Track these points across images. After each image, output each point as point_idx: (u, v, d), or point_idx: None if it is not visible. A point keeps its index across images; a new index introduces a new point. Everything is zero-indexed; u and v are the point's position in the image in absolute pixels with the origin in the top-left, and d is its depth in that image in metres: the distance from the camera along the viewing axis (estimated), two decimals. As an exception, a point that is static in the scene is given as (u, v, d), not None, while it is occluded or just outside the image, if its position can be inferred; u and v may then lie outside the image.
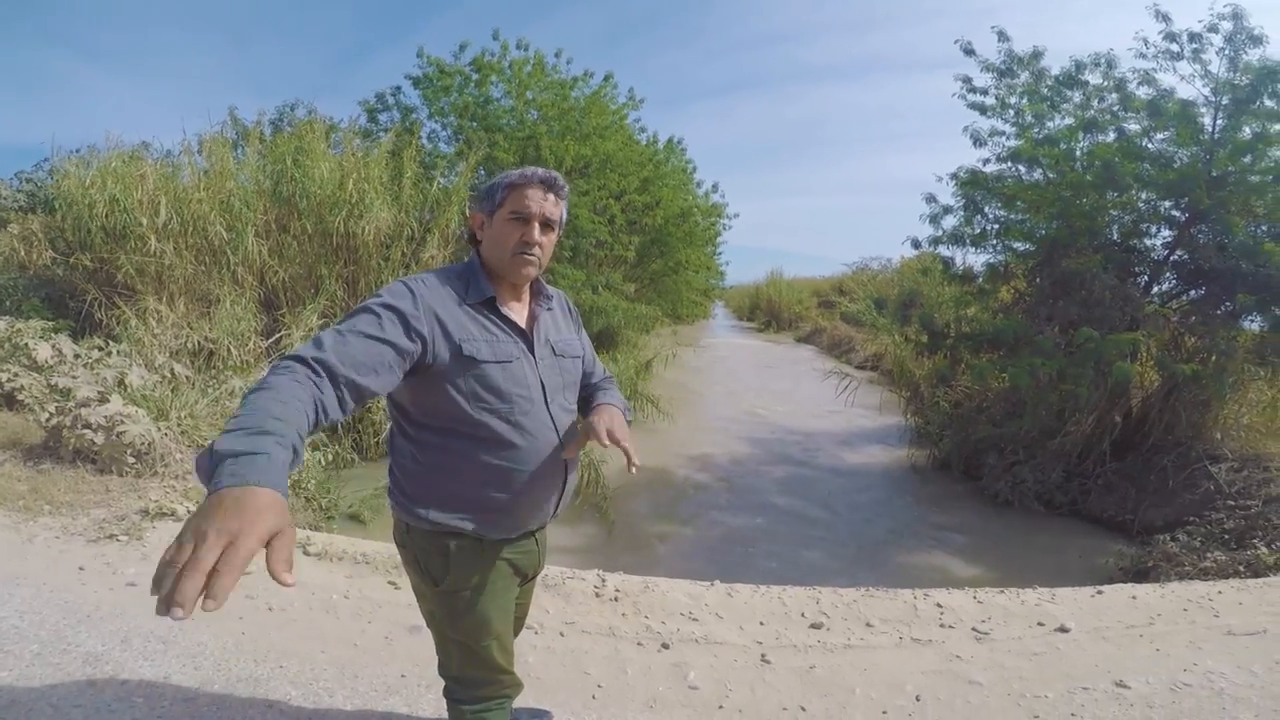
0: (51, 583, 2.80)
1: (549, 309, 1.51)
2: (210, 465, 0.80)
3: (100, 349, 5.67)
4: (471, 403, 1.32)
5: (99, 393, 4.59)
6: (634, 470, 1.33)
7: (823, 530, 5.43)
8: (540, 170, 1.38)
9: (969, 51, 6.73)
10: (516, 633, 1.77)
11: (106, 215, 6.36)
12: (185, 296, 6.37)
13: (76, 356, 5.55)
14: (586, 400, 1.65)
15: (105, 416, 4.33)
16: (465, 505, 1.37)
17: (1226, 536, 4.21)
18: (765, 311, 27.51)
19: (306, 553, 3.15)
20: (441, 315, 1.29)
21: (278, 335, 6.33)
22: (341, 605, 2.74)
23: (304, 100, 10.02)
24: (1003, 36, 6.57)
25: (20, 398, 4.94)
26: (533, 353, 1.42)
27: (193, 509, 3.66)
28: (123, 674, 2.20)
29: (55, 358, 5.46)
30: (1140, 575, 4.06)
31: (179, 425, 4.59)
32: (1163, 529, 4.62)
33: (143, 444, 4.16)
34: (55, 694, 2.07)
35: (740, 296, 33.92)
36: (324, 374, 1.06)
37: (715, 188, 15.03)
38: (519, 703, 2.12)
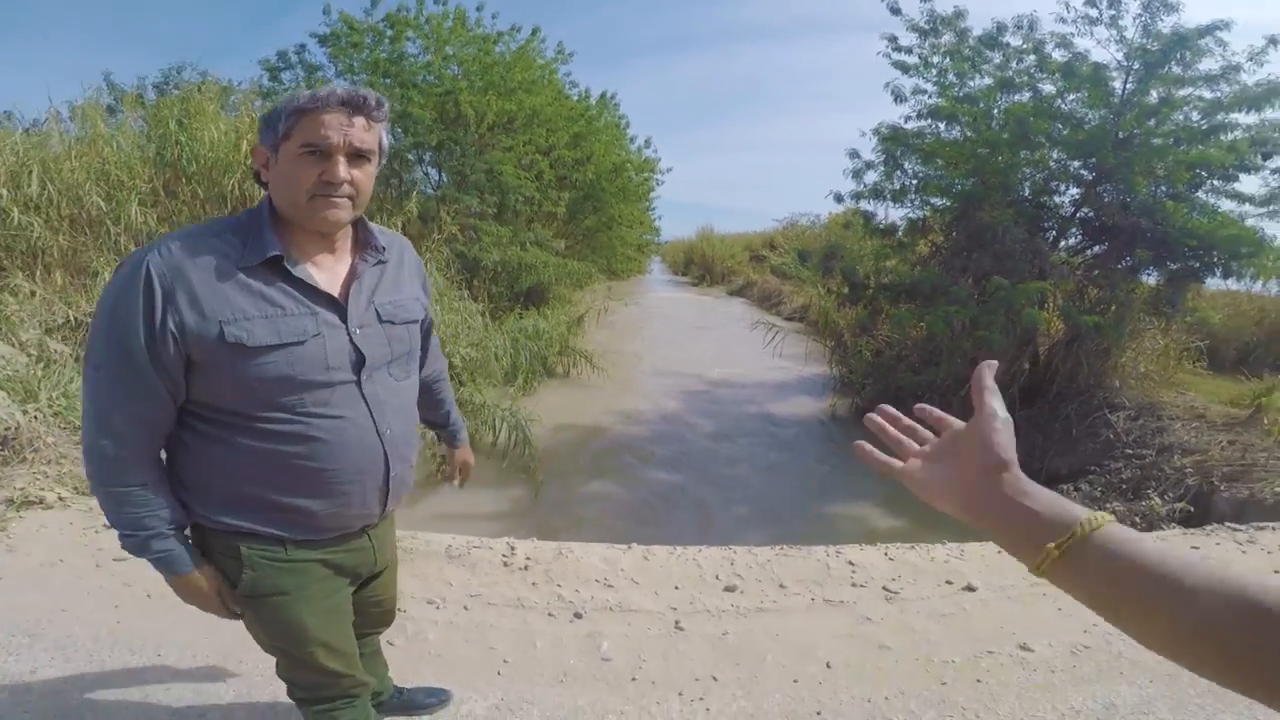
0: None
1: (379, 262, 1.21)
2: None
3: (-41, 330, 5.11)
4: (249, 395, 1.07)
5: (-47, 374, 4.13)
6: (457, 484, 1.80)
7: (748, 483, 5.51)
8: (340, 89, 1.07)
9: (895, 11, 6.75)
10: (384, 626, 1.64)
11: None
12: (62, 270, 5.89)
13: (-66, 337, 4.99)
14: (431, 404, 1.60)
15: (-40, 400, 3.90)
16: (254, 506, 1.14)
17: (1124, 487, 4.44)
18: (699, 266, 27.67)
19: (191, 536, 2.93)
20: (197, 292, 1.02)
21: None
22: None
23: (193, 63, 9.25)
24: None
25: None
26: (345, 322, 1.14)
27: (66, 496, 3.36)
28: None
29: (-94, 339, 4.90)
30: (1046, 527, 4.24)
31: (50, 406, 4.17)
32: (1068, 478, 4.86)
33: (6, 429, 3.77)
34: None
35: (676, 251, 34.14)
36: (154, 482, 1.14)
37: (648, 143, 14.84)
38: (417, 682, 2.03)
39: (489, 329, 7.39)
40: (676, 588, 2.66)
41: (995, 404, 0.60)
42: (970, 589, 2.63)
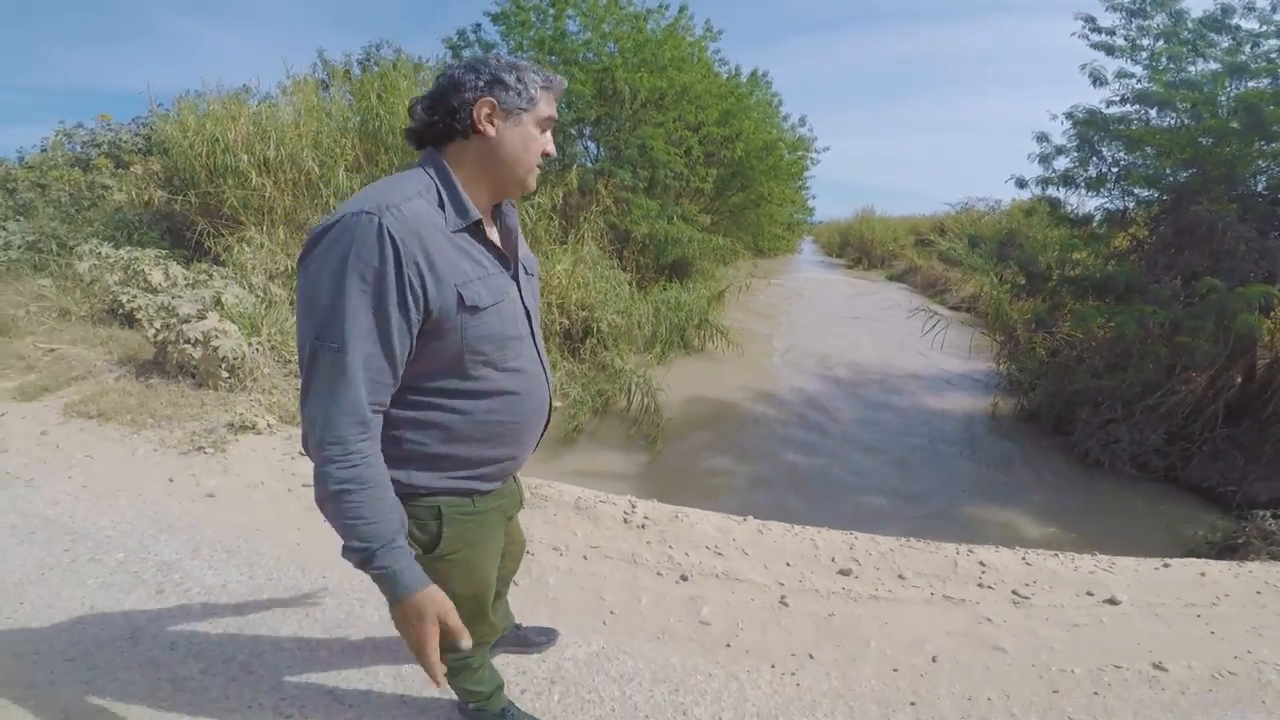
0: (145, 494, 3.07)
1: (510, 221, 1.25)
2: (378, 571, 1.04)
3: (206, 273, 6.18)
4: (468, 357, 1.10)
5: (198, 310, 4.99)
6: None
7: (888, 477, 5.24)
8: (557, 76, 1.19)
9: None
10: (515, 570, 1.73)
11: (208, 155, 7.02)
12: (285, 226, 6.89)
13: (186, 279, 6.09)
14: None
15: (202, 332, 4.69)
16: (457, 465, 1.19)
17: (1336, 519, 3.70)
18: (856, 248, 26.46)
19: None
20: (433, 259, 1.02)
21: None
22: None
23: (390, 40, 10.32)
24: None
25: (138, 317, 5.46)
26: (516, 279, 1.20)
27: (273, 423, 3.96)
28: (188, 581, 2.39)
29: (167, 281, 6.01)
30: (1228, 551, 3.66)
31: (269, 340, 4.93)
32: (1268, 504, 4.09)
33: (235, 358, 4.50)
34: (128, 601, 2.27)
35: (830, 232, 32.89)
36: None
37: (803, 120, 14.34)
38: (533, 621, 2.19)
39: (635, 298, 7.63)
40: (788, 564, 2.64)
41: None
42: (1113, 602, 2.38)
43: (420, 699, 1.86)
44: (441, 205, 1.08)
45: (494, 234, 1.20)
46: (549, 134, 1.17)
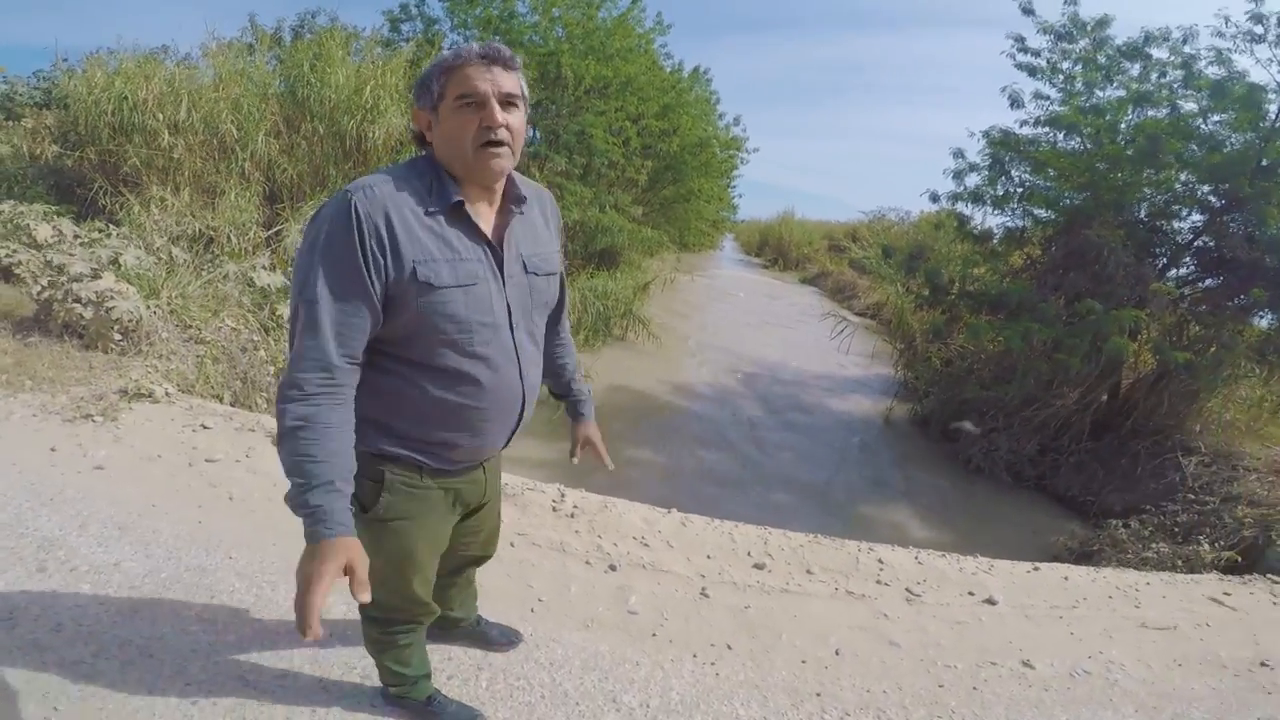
0: (21, 463, 2.79)
1: (522, 213, 1.26)
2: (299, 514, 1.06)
3: (100, 231, 5.70)
4: (425, 333, 1.15)
5: (92, 269, 4.61)
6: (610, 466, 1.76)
7: (790, 473, 5.56)
8: (475, 45, 1.14)
9: (1028, 11, 6.41)
10: (486, 557, 1.72)
11: (114, 112, 6.68)
12: (191, 188, 6.58)
13: (76, 237, 5.60)
14: (553, 369, 1.61)
15: (95, 292, 4.34)
16: (406, 438, 1.24)
17: (1176, 529, 4.24)
18: (774, 249, 27.40)
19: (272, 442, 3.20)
20: (396, 231, 1.10)
21: (277, 227, 6.51)
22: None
23: (326, 8, 9.92)
24: None
25: (17, 272, 4.96)
26: (501, 271, 1.22)
27: (172, 392, 3.73)
28: (74, 559, 2.21)
29: (55, 237, 5.51)
30: (1085, 557, 4.13)
31: (169, 304, 4.62)
32: (1120, 514, 4.64)
33: (130, 321, 4.19)
34: (4, 580, 2.07)
35: (751, 231, 33.65)
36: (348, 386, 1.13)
37: (737, 120, 14.74)
38: (492, 617, 2.13)
39: (562, 283, 7.70)
40: (709, 556, 2.77)
41: None
42: (991, 602, 2.65)
43: (342, 684, 1.81)
44: (430, 190, 1.16)
45: (485, 221, 1.22)
46: (489, 105, 1.12)
